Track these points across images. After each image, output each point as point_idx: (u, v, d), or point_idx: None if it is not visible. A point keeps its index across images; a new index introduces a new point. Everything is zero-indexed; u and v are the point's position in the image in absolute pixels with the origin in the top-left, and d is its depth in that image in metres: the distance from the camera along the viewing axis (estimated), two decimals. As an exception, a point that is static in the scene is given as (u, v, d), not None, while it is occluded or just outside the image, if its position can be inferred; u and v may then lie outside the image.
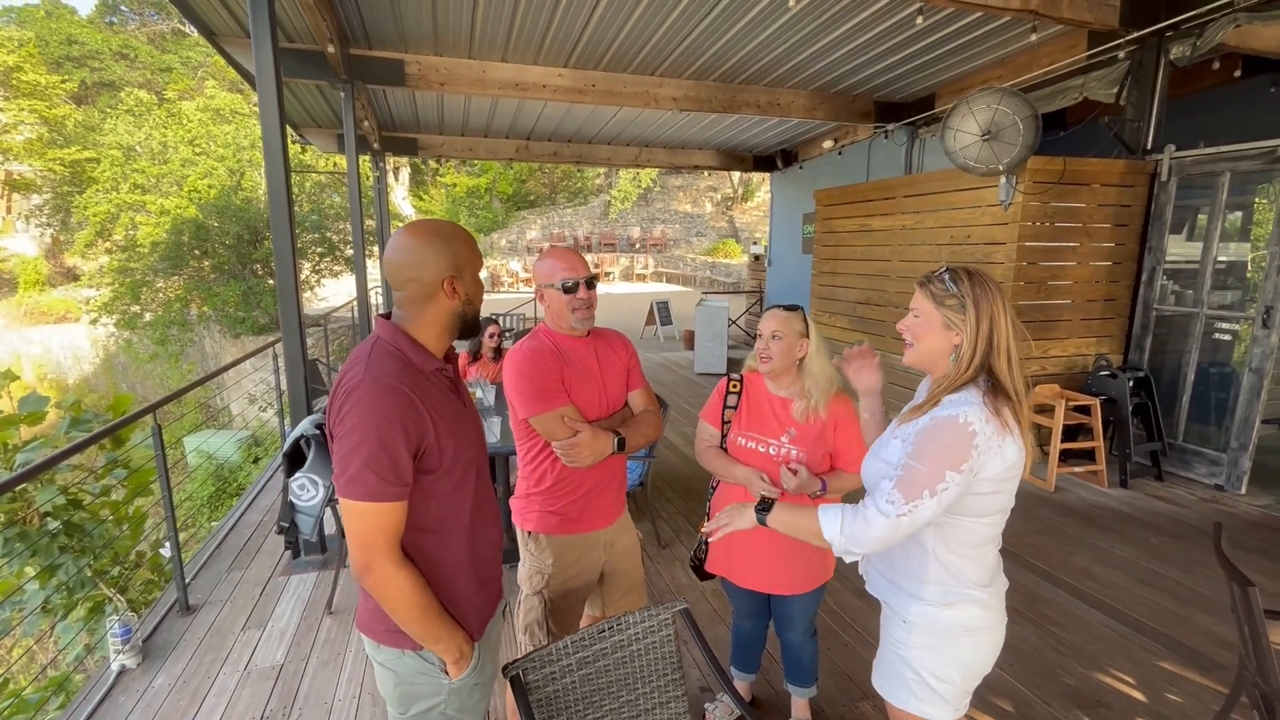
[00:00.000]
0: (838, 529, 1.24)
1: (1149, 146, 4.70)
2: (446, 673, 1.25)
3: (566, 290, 1.69)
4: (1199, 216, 4.70)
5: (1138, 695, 2.39)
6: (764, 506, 1.37)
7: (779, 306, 1.84)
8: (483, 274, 1.33)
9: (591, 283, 1.72)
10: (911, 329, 1.33)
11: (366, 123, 7.21)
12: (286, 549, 3.51)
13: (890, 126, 7.22)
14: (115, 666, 2.57)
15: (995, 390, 1.24)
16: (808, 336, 1.80)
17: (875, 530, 1.20)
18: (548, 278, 1.71)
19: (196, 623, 2.93)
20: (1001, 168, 4.17)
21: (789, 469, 1.76)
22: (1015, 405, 1.23)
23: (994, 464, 1.21)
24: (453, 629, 1.21)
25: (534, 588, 1.80)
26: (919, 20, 4.57)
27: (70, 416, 4.63)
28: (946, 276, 1.27)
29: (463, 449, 1.24)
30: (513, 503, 1.86)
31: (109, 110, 23.80)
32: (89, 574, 3.82)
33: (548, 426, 1.67)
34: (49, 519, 3.95)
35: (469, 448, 1.27)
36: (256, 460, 10.49)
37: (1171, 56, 4.50)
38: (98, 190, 17.24)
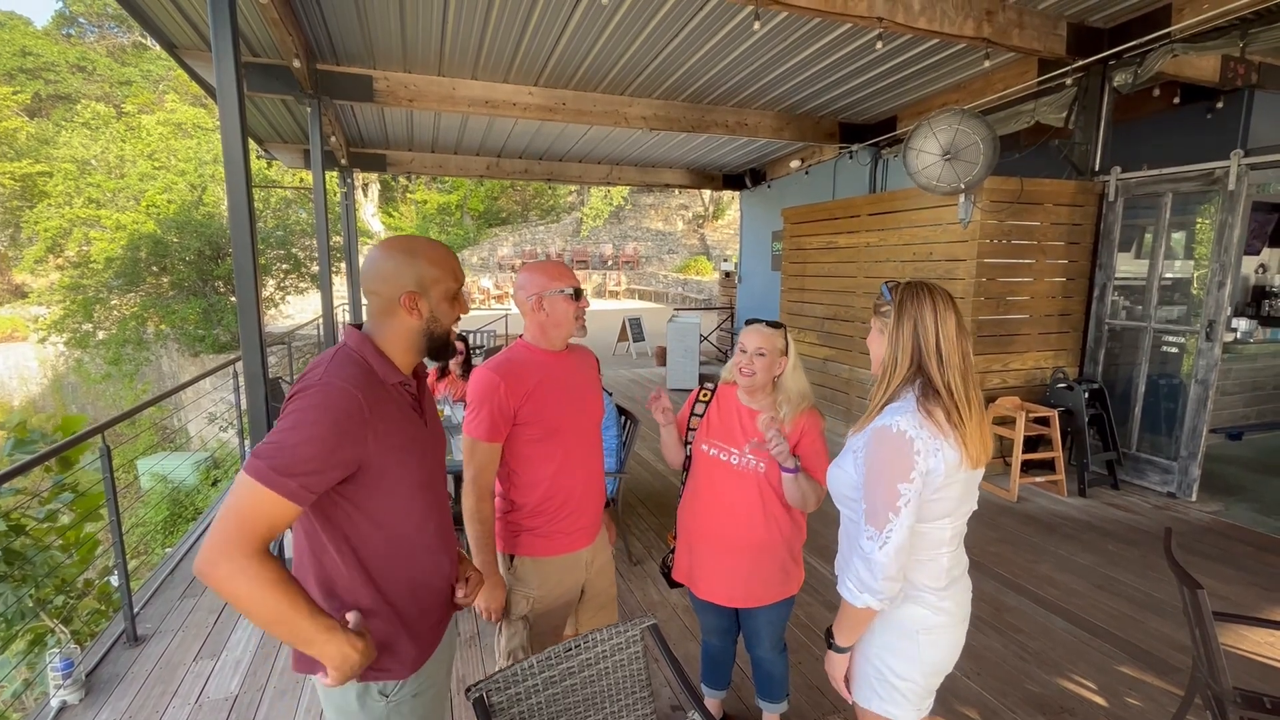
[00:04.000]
0: (858, 592, 1.28)
1: (1096, 168, 4.92)
2: (383, 693, 1.22)
3: (576, 296, 1.68)
4: (1145, 235, 4.92)
5: (1099, 700, 2.44)
6: (830, 641, 1.41)
7: (761, 322, 1.84)
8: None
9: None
10: (870, 341, 1.45)
11: (333, 138, 7.13)
12: (244, 574, 3.38)
13: (854, 147, 7.41)
14: (55, 703, 2.43)
15: (927, 392, 1.28)
16: (787, 355, 1.83)
17: (879, 566, 1.24)
18: (547, 286, 1.66)
19: (145, 654, 2.79)
20: (963, 186, 4.31)
21: (765, 423, 1.70)
22: (951, 404, 1.26)
23: (938, 466, 1.25)
24: (328, 630, 1.05)
25: (519, 612, 1.75)
26: (879, 45, 4.72)
27: (14, 437, 4.43)
28: (886, 288, 1.38)
29: (411, 469, 1.21)
30: None
31: (64, 123, 23.07)
32: (30, 604, 3.62)
33: (479, 457, 1.64)
34: (-13, 547, 3.74)
35: (420, 468, 1.24)
36: (215, 483, 10.11)
37: (1115, 84, 4.73)
38: (49, 204, 16.67)
